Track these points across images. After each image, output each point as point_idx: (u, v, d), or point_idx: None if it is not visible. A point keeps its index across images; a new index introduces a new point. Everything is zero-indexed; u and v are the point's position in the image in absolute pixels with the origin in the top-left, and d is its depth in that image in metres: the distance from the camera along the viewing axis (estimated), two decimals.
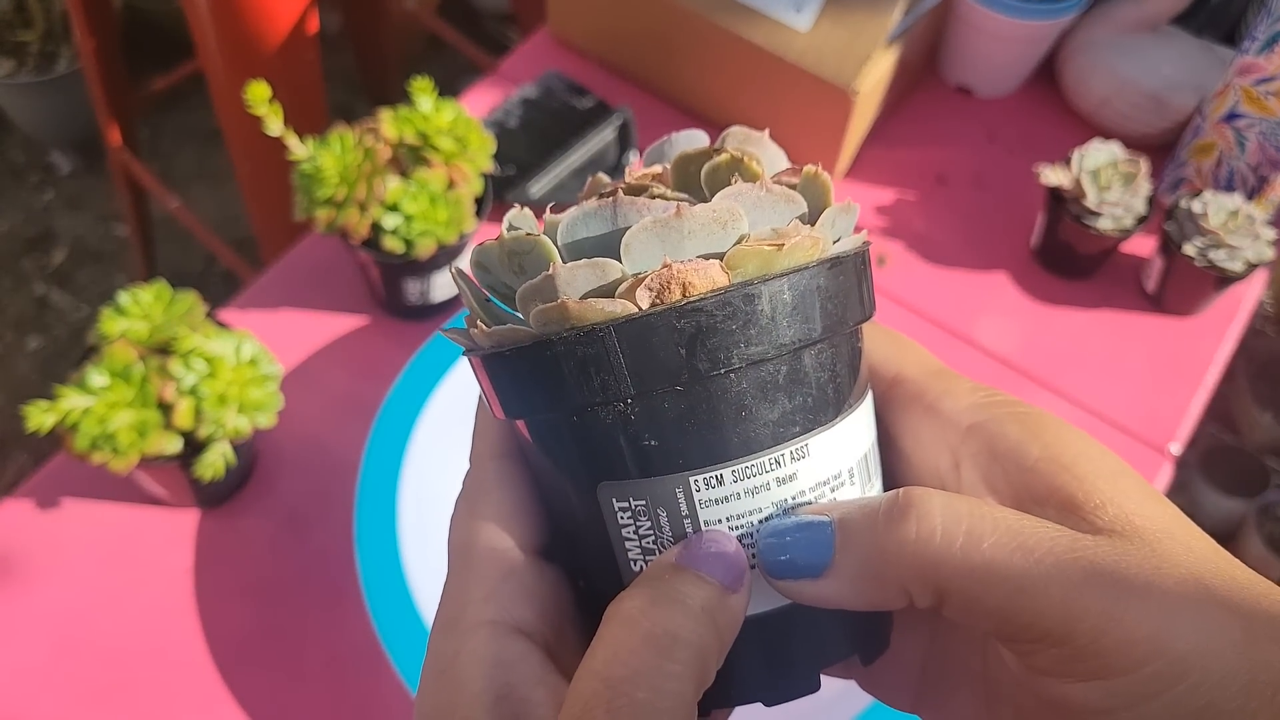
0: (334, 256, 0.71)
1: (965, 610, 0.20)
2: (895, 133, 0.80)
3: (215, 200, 1.59)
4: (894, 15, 0.68)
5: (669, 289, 0.20)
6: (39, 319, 1.49)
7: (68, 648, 0.55)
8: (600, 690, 0.19)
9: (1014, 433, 0.22)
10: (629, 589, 0.21)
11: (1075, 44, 0.80)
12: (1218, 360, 0.71)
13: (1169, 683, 0.18)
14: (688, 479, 0.21)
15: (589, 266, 0.21)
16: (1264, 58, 0.66)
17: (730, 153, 0.23)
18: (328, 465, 0.62)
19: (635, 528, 0.22)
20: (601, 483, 0.22)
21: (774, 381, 0.21)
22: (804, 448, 0.22)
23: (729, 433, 0.21)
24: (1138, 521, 0.20)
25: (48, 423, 0.50)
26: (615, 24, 0.79)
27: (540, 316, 0.21)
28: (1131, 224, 0.68)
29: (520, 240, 0.22)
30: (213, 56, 0.89)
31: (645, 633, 0.19)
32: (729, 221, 0.21)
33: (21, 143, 1.67)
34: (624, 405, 0.21)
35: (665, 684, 0.19)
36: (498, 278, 0.23)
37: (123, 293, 0.55)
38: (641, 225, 0.21)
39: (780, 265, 0.21)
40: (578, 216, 0.22)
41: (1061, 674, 0.19)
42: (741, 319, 0.21)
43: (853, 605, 0.21)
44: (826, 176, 0.23)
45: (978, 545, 0.20)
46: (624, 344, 0.20)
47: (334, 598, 0.57)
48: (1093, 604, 0.19)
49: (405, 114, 0.62)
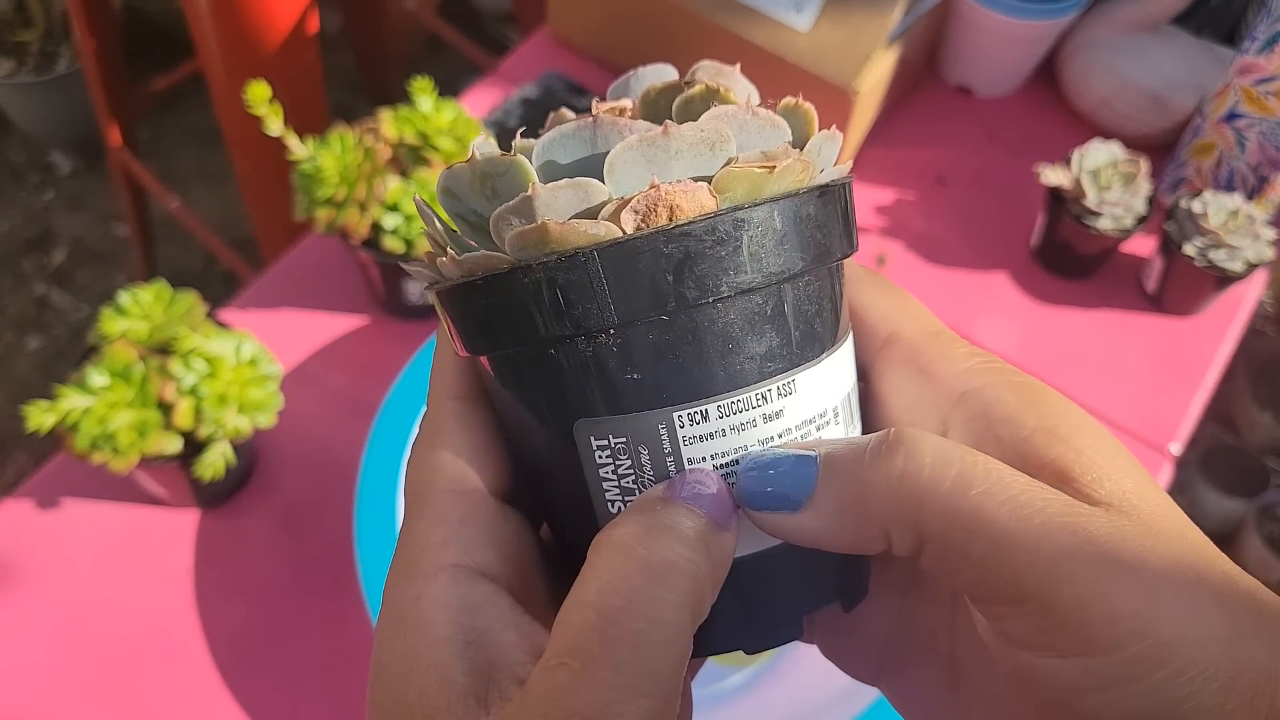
0: (334, 256, 0.71)
1: (944, 559, 0.19)
2: (895, 132, 0.80)
3: (215, 200, 1.59)
4: (894, 15, 0.68)
5: (655, 212, 0.19)
6: (39, 319, 1.49)
7: (68, 647, 0.55)
8: (593, 620, 0.18)
9: (1010, 401, 0.21)
10: (620, 518, 0.20)
11: (1075, 44, 0.80)
12: (1218, 360, 0.71)
13: (1150, 668, 0.17)
14: (671, 415, 0.20)
15: (571, 187, 0.19)
16: (1264, 57, 0.66)
17: (705, 83, 0.22)
18: (328, 465, 0.62)
19: (614, 467, 0.21)
20: (579, 420, 0.21)
21: (761, 313, 0.20)
22: (791, 383, 0.21)
23: (715, 366, 0.20)
24: (1134, 500, 0.19)
25: (48, 423, 0.50)
26: (615, 24, 0.79)
27: (518, 240, 0.20)
28: (1131, 224, 0.68)
29: (494, 161, 0.20)
30: (213, 56, 0.89)
31: (641, 560, 0.18)
32: (717, 142, 0.20)
33: (21, 143, 1.67)
34: (606, 336, 0.20)
35: (662, 614, 0.18)
36: (467, 204, 0.22)
37: (123, 293, 0.55)
38: (627, 144, 0.20)
39: (770, 190, 0.20)
40: (555, 138, 0.20)
41: (1036, 646, 0.18)
42: (730, 245, 0.20)
43: (830, 543, 0.20)
44: (809, 106, 0.22)
45: (966, 490, 0.18)
46: (608, 270, 0.19)
47: (334, 598, 0.57)
48: (1081, 571, 0.18)
49: (405, 114, 0.62)
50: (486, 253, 0.20)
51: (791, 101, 0.22)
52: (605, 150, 0.20)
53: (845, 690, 0.51)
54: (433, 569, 0.21)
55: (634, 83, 0.24)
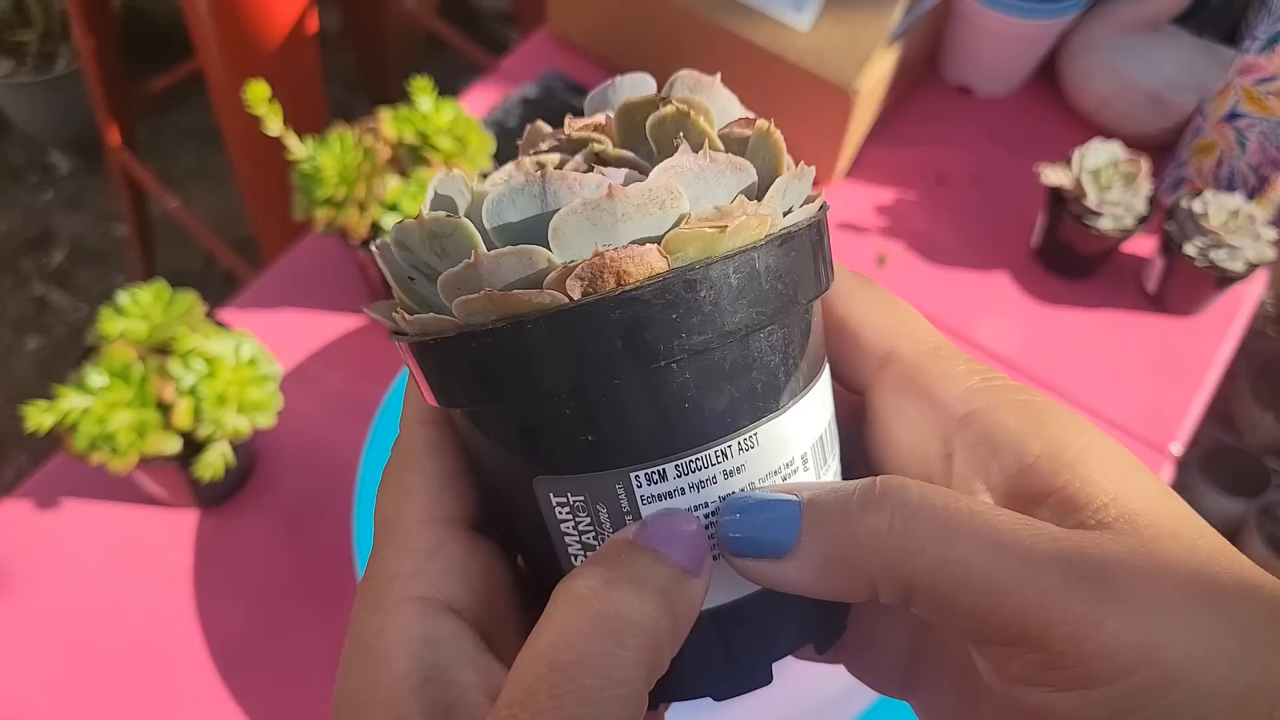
0: (333, 256, 0.70)
1: (935, 609, 0.19)
2: (896, 132, 0.80)
3: (214, 200, 1.59)
4: (894, 14, 0.68)
5: (601, 278, 0.19)
6: (38, 319, 1.49)
7: (67, 648, 0.55)
8: (545, 674, 0.17)
9: (1014, 424, 0.21)
10: (581, 567, 0.19)
11: (1076, 43, 0.80)
12: (1218, 360, 0.71)
13: (1156, 694, 0.17)
14: (628, 475, 0.20)
15: (514, 255, 0.19)
16: (1265, 57, 0.66)
17: (676, 104, 0.21)
18: (327, 465, 0.62)
19: (574, 523, 0.21)
20: (538, 476, 0.21)
21: (719, 370, 0.20)
22: (752, 438, 0.20)
23: (672, 426, 0.20)
24: (1140, 521, 0.19)
25: (47, 423, 0.50)
26: (615, 23, 0.79)
27: (463, 308, 0.19)
28: (1132, 224, 0.68)
29: (440, 222, 0.20)
30: (212, 56, 0.89)
31: (596, 615, 0.18)
32: (667, 200, 0.19)
33: (21, 143, 1.67)
34: (559, 400, 0.20)
35: (615, 671, 0.17)
36: (420, 258, 0.21)
37: (122, 293, 0.55)
38: (570, 209, 0.19)
39: (724, 247, 0.19)
40: (504, 194, 0.20)
41: (1039, 683, 0.18)
42: (683, 307, 0.19)
43: (815, 592, 0.20)
44: (779, 135, 0.21)
45: (953, 541, 0.18)
46: (555, 337, 0.19)
47: (333, 598, 0.57)
48: (1074, 606, 0.17)
49: (405, 114, 0.62)
50: (435, 316, 0.20)
51: (764, 127, 0.21)
52: (555, 208, 0.19)
53: (845, 691, 0.51)
54: (398, 601, 0.20)
55: (611, 94, 0.24)
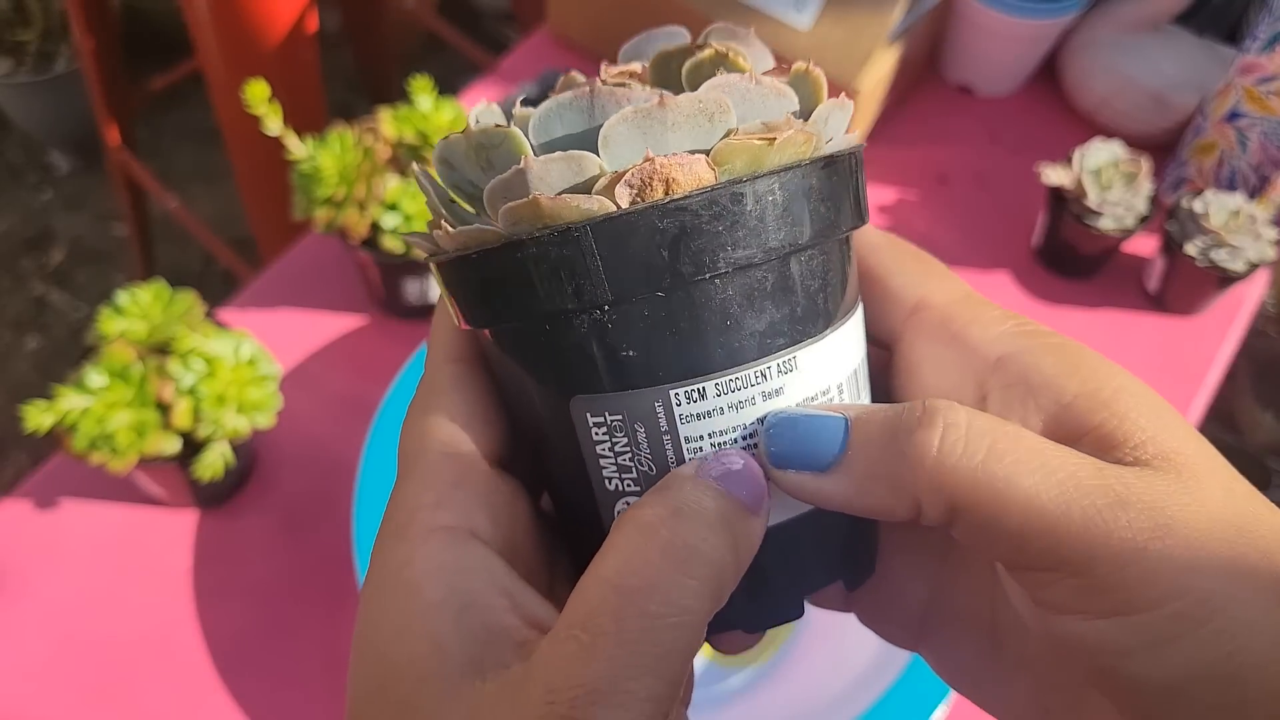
0: (333, 256, 0.70)
1: (978, 530, 0.19)
2: (896, 132, 0.80)
3: (214, 200, 1.59)
4: (895, 14, 0.68)
5: (651, 186, 0.19)
6: (38, 319, 1.49)
7: (66, 648, 0.55)
8: (609, 597, 0.17)
9: (1049, 365, 0.21)
10: (645, 496, 0.19)
11: (1077, 43, 0.79)
12: (1219, 360, 0.71)
13: (1193, 624, 0.17)
14: (668, 392, 0.20)
15: (564, 160, 0.19)
16: (1266, 57, 0.66)
17: (715, 47, 0.22)
18: (327, 465, 0.62)
19: (610, 444, 0.20)
20: (575, 396, 0.20)
21: (761, 289, 0.20)
22: (791, 360, 0.20)
23: (712, 343, 0.20)
24: (1177, 460, 0.19)
25: (46, 423, 0.50)
26: (615, 22, 0.79)
27: (509, 215, 0.19)
28: (1133, 223, 0.68)
29: (489, 133, 0.20)
30: (212, 56, 0.88)
31: (664, 543, 0.18)
32: (716, 113, 0.19)
33: (20, 142, 1.67)
34: (600, 313, 0.19)
35: (681, 599, 0.18)
36: (464, 175, 0.21)
37: (121, 292, 0.55)
38: (621, 116, 0.19)
39: (771, 162, 0.20)
40: (551, 109, 0.20)
41: (1077, 609, 0.18)
42: (728, 220, 0.19)
43: (855, 508, 0.20)
44: (819, 73, 0.21)
45: (999, 461, 0.18)
46: (601, 245, 0.19)
47: (333, 598, 0.57)
48: (1118, 532, 0.17)
49: (404, 113, 0.62)
50: (479, 227, 0.20)
51: (802, 67, 0.21)
52: (603, 121, 0.19)
53: (845, 691, 0.51)
54: (424, 531, 0.20)
55: (646, 45, 0.24)
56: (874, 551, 0.24)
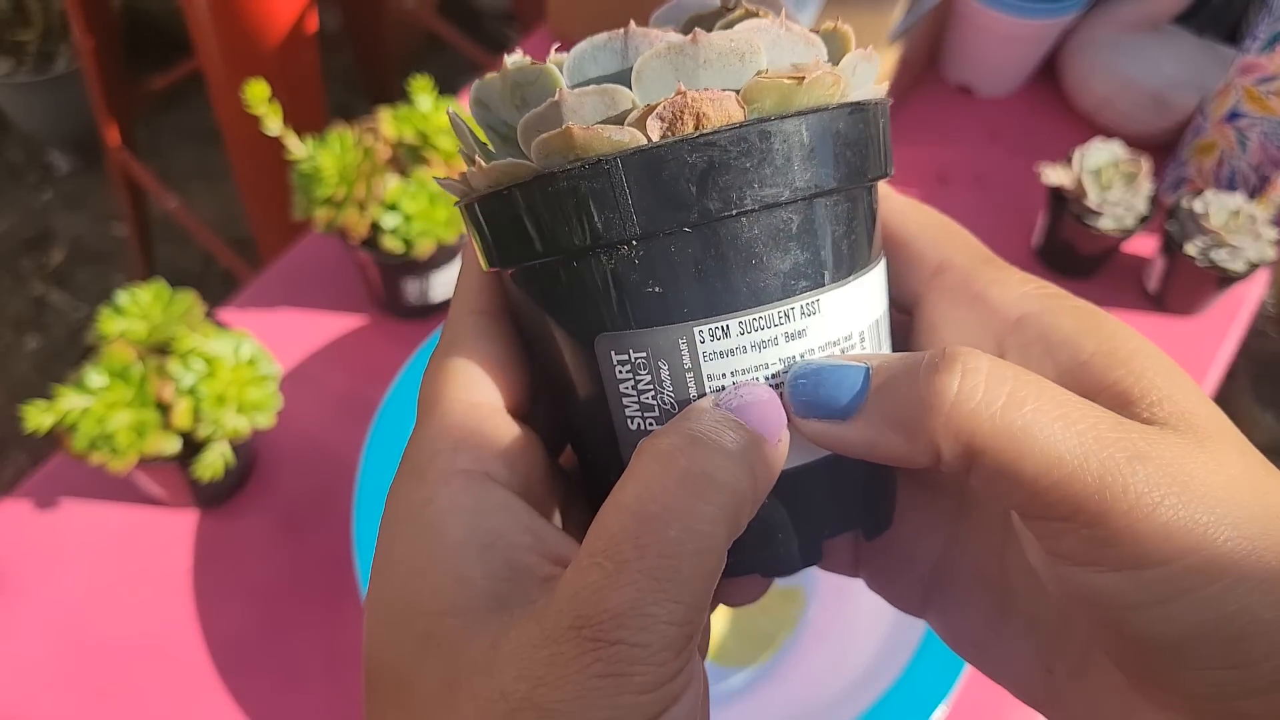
0: (333, 256, 0.70)
1: (995, 477, 0.19)
2: (896, 132, 0.80)
3: (214, 200, 1.59)
4: (895, 14, 0.68)
5: (682, 119, 0.19)
6: (38, 319, 1.49)
7: (66, 648, 0.55)
8: (629, 524, 0.18)
9: (1068, 325, 0.21)
10: (664, 427, 0.20)
11: (1077, 43, 0.79)
12: (1219, 360, 0.71)
13: (1204, 580, 0.17)
14: (692, 329, 0.20)
15: (597, 94, 0.19)
16: (1265, 57, 0.66)
17: (745, 7, 0.22)
18: (327, 465, 0.62)
19: (634, 382, 0.21)
20: (600, 334, 0.21)
21: (787, 229, 0.20)
22: (815, 303, 0.21)
23: (737, 281, 0.20)
24: (1194, 420, 0.19)
25: (46, 423, 0.50)
26: (615, 22, 0.78)
27: (542, 147, 0.19)
28: (1133, 223, 0.68)
29: (524, 69, 0.21)
30: (212, 56, 0.88)
31: (682, 470, 0.18)
32: (747, 53, 0.20)
33: (20, 142, 1.67)
34: (628, 248, 0.20)
35: (698, 524, 0.18)
36: (498, 115, 0.22)
37: (121, 292, 0.55)
38: (654, 51, 0.19)
39: (799, 102, 0.20)
40: (585, 50, 0.20)
41: (1088, 561, 0.18)
42: (756, 157, 0.19)
43: (877, 455, 0.20)
44: (847, 29, 0.22)
45: (1019, 408, 0.18)
46: (631, 178, 0.19)
47: (333, 598, 0.57)
48: (1133, 487, 0.17)
49: (404, 113, 0.62)
50: (512, 161, 0.20)
51: (830, 25, 0.22)
52: None
53: (845, 691, 0.51)
54: (444, 473, 0.20)
55: (677, 12, 0.24)
56: (892, 504, 0.24)
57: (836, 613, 0.55)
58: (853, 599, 0.54)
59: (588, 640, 0.17)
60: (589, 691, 0.17)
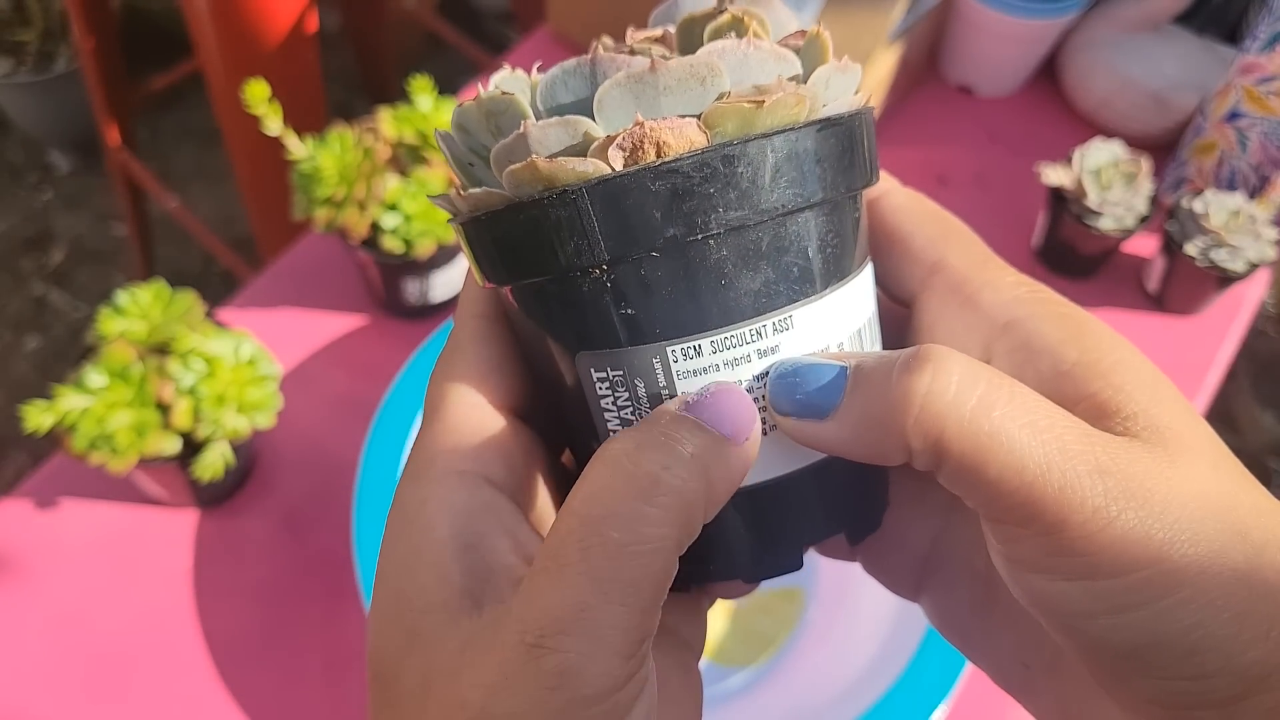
0: (333, 256, 0.70)
1: (960, 476, 0.19)
2: (896, 132, 0.80)
3: (214, 200, 1.59)
4: (895, 14, 0.68)
5: (642, 149, 0.19)
6: (38, 319, 1.49)
7: (66, 648, 0.55)
8: (575, 528, 0.18)
9: (1053, 332, 0.21)
10: (621, 432, 0.20)
11: (1077, 43, 0.79)
12: (1219, 360, 0.71)
13: (1158, 593, 0.17)
14: (665, 349, 0.21)
15: (560, 125, 0.20)
16: (1266, 57, 0.66)
17: (732, 12, 0.22)
18: (327, 465, 0.62)
19: (613, 398, 0.21)
20: (580, 352, 0.21)
21: (756, 249, 0.20)
22: (788, 319, 0.21)
23: (708, 302, 0.20)
24: (1167, 435, 0.19)
25: (46, 423, 0.50)
26: (615, 22, 0.79)
27: (511, 178, 0.20)
28: (1133, 223, 0.68)
29: (496, 99, 0.21)
30: (212, 56, 0.88)
31: (627, 474, 0.18)
32: (708, 77, 0.20)
33: (20, 142, 1.67)
34: (599, 272, 0.20)
35: (642, 527, 0.18)
36: (477, 140, 0.22)
37: (121, 292, 0.55)
38: (614, 81, 0.20)
39: (761, 124, 0.20)
40: (556, 75, 0.21)
41: (1044, 569, 0.18)
42: (720, 181, 0.19)
43: (852, 453, 0.20)
44: (826, 36, 0.22)
45: (988, 411, 0.18)
46: (597, 206, 0.19)
47: (333, 598, 0.57)
48: (1092, 498, 0.18)
49: (405, 113, 0.62)
50: (487, 190, 0.21)
51: (814, 30, 0.22)
52: None
53: (845, 691, 0.51)
54: (441, 474, 0.21)
55: (675, 10, 0.24)
56: (879, 507, 0.24)
57: (836, 613, 0.55)
58: (853, 600, 0.54)
59: (532, 647, 0.17)
60: (537, 704, 0.17)
